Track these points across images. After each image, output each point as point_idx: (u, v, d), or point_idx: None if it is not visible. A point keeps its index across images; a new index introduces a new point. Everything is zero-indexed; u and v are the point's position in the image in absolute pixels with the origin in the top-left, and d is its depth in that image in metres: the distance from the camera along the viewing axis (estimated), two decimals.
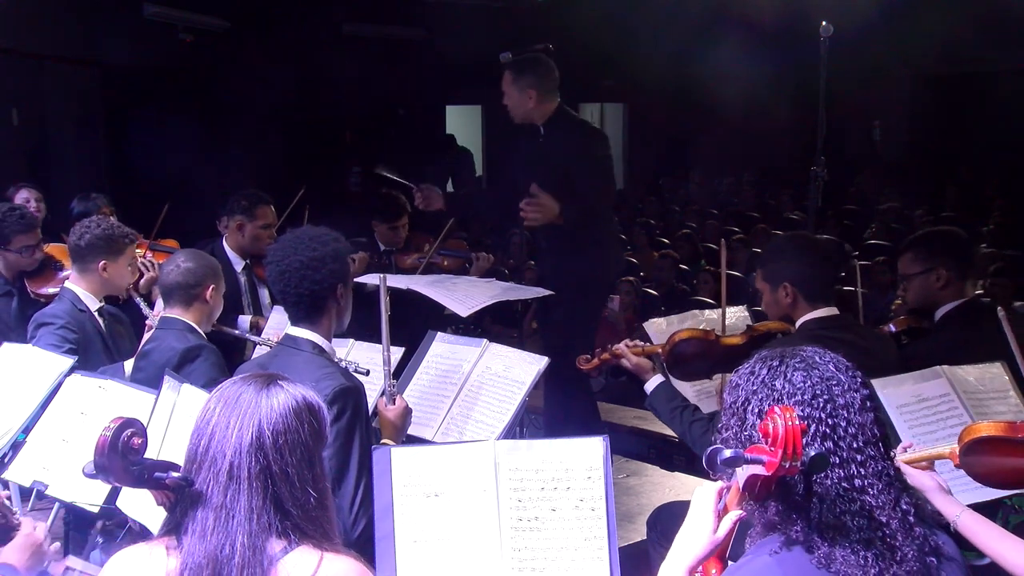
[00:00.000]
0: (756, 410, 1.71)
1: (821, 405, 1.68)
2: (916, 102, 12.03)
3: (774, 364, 1.75)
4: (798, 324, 3.13)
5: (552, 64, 4.67)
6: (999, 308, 2.85)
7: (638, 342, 3.45)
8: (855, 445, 1.67)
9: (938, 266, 3.39)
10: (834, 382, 1.71)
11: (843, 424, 1.68)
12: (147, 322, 3.97)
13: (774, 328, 3.23)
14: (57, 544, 2.48)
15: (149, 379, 3.26)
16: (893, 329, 3.62)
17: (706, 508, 1.76)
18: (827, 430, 1.67)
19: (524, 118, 4.69)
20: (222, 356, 3.51)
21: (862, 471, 1.66)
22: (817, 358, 1.75)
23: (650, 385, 3.23)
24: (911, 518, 1.67)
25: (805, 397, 1.69)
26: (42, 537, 2.37)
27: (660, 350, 3.30)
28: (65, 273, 4.52)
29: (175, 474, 1.74)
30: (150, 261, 4.68)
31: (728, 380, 1.83)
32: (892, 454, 1.75)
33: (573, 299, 4.52)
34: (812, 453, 1.57)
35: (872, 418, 1.71)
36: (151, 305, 4.26)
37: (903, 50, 10.15)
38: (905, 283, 3.54)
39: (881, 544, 1.63)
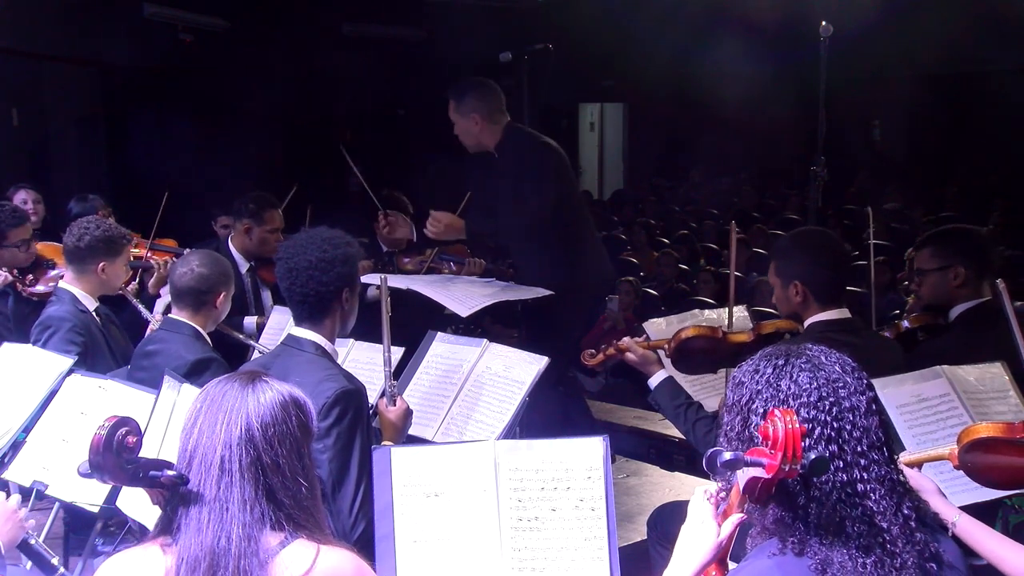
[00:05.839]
0: (760, 410, 1.69)
1: (827, 408, 1.66)
2: (916, 102, 12.01)
3: (779, 363, 1.72)
4: (806, 324, 3.09)
5: (495, 86, 4.51)
6: (999, 280, 2.79)
7: (643, 340, 3.42)
8: (859, 449, 1.66)
9: (956, 264, 3.31)
10: (840, 384, 1.68)
11: (848, 428, 1.66)
12: (151, 326, 3.97)
13: (782, 327, 3.19)
14: (33, 521, 2.47)
15: (152, 379, 3.24)
16: (908, 326, 3.57)
17: (707, 512, 1.75)
18: (832, 433, 1.65)
19: (476, 145, 4.52)
20: (229, 368, 3.50)
21: (865, 476, 1.65)
22: (823, 358, 1.72)
23: (654, 380, 3.17)
24: (912, 523, 1.66)
25: (811, 399, 1.67)
26: (15, 506, 2.36)
27: (665, 345, 3.27)
28: (56, 272, 4.53)
29: (170, 472, 1.75)
30: (163, 261, 4.68)
31: (731, 376, 1.81)
32: (896, 458, 1.73)
33: (546, 314, 4.39)
34: (812, 456, 1.56)
35: (877, 422, 1.69)
36: (148, 305, 4.26)
37: (903, 50, 10.12)
38: (920, 278, 3.44)
39: (881, 551, 1.62)
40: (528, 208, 4.35)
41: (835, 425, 1.66)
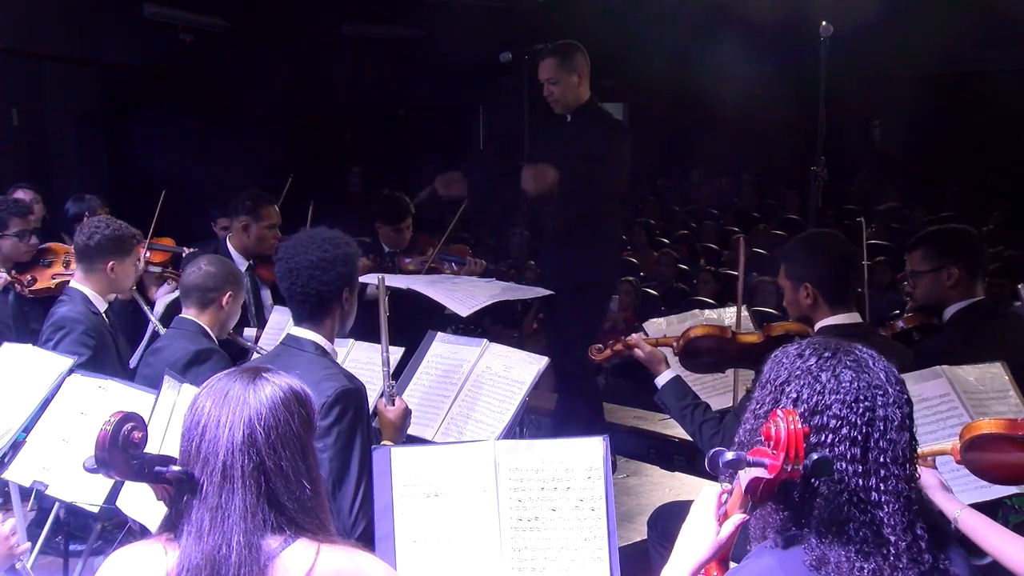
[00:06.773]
0: (793, 394, 1.68)
1: (860, 411, 1.64)
2: (916, 102, 12.00)
3: (826, 355, 1.70)
4: (817, 328, 3.06)
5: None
6: (1020, 286, 2.80)
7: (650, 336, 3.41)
8: (882, 460, 1.64)
9: (949, 264, 3.34)
10: (880, 392, 1.67)
11: (876, 436, 1.65)
12: (152, 328, 3.97)
13: (792, 330, 3.13)
14: (27, 545, 2.46)
15: (157, 375, 3.24)
16: (903, 326, 3.58)
17: (708, 511, 1.75)
18: (858, 436, 1.64)
19: (570, 104, 4.63)
20: (232, 363, 3.51)
21: (882, 486, 1.64)
22: (871, 362, 1.70)
23: (661, 379, 3.16)
24: (923, 543, 1.64)
25: (847, 399, 1.65)
26: (7, 531, 2.36)
27: (673, 343, 3.25)
28: (52, 269, 4.53)
29: (175, 468, 1.75)
30: (147, 261, 4.69)
31: (772, 355, 1.79)
32: (917, 475, 1.71)
33: (576, 298, 4.50)
34: (815, 457, 1.55)
35: (907, 438, 1.68)
36: (150, 306, 4.26)
37: (903, 50, 10.11)
38: (914, 280, 3.46)
39: (882, 560, 1.61)
40: (588, 192, 4.49)
41: (864, 430, 1.64)
